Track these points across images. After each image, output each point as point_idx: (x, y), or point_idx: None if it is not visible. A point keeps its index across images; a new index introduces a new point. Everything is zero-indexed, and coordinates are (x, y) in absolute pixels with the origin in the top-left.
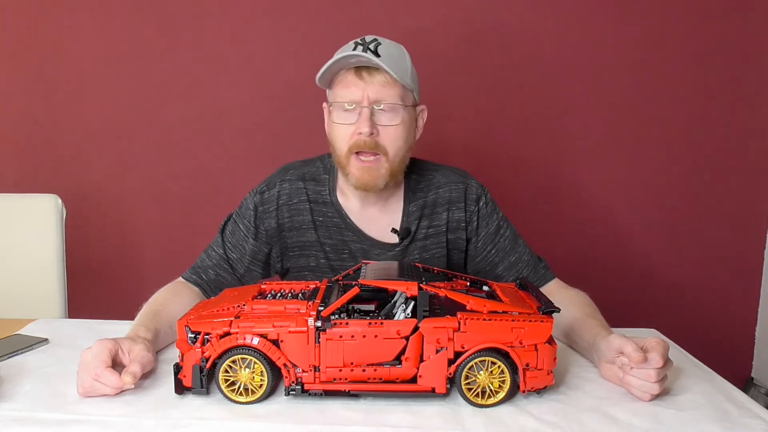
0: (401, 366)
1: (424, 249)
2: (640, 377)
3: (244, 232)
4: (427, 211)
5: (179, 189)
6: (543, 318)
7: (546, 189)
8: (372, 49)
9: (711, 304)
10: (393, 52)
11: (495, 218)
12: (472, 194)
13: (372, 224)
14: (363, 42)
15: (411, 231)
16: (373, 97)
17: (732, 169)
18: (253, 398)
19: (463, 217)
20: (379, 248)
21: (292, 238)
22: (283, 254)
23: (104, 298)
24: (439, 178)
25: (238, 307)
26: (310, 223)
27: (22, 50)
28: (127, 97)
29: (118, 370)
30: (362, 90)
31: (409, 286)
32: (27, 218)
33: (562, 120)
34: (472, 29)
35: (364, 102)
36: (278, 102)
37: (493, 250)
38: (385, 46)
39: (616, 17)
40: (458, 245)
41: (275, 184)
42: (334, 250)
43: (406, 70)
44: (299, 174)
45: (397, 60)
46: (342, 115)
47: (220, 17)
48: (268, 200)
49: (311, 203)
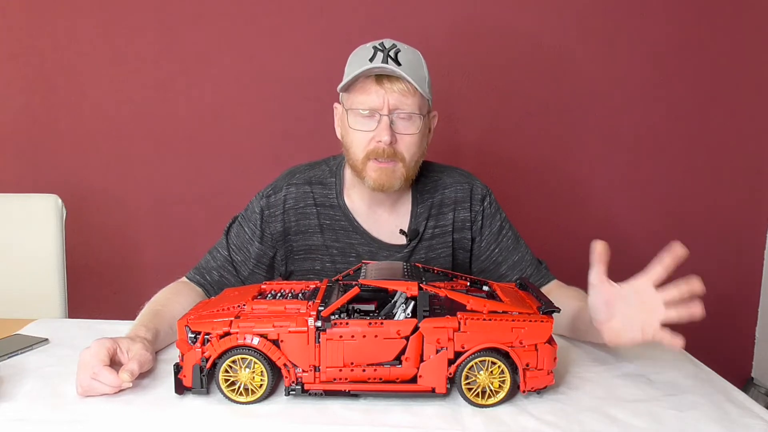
0: (401, 366)
1: (431, 249)
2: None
3: (249, 235)
4: (434, 211)
5: (179, 189)
6: (543, 318)
7: (546, 189)
8: (392, 56)
9: (711, 304)
10: (411, 58)
11: (498, 218)
12: (478, 194)
13: (380, 226)
14: (383, 48)
15: (419, 232)
16: (393, 105)
17: (732, 169)
18: (253, 398)
19: (468, 216)
20: (387, 250)
21: (297, 241)
22: (288, 257)
23: (104, 298)
24: (445, 178)
25: (238, 307)
26: (317, 226)
27: (22, 50)
28: (127, 97)
29: (117, 370)
30: (382, 98)
31: (409, 286)
32: (27, 218)
33: (562, 121)
34: (472, 28)
35: (383, 110)
36: (278, 102)
37: (497, 249)
38: (404, 53)
39: (617, 18)
40: (463, 245)
41: (281, 188)
42: (341, 253)
43: (423, 78)
44: (306, 178)
45: (415, 68)
46: (360, 121)
47: (220, 17)
48: (274, 204)
49: (318, 207)
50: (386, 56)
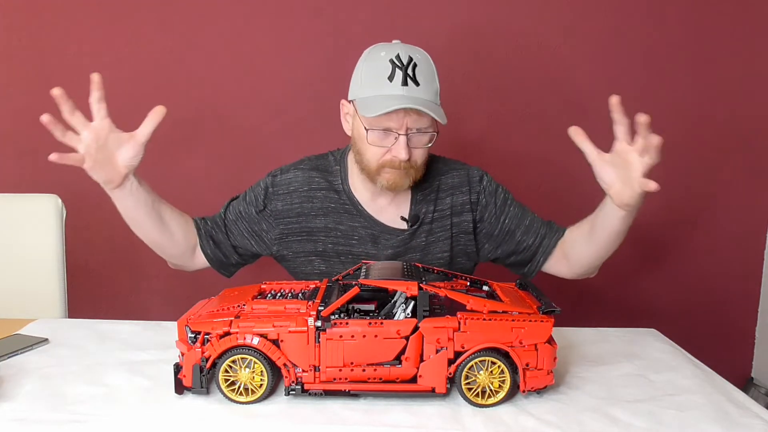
0: (401, 366)
1: (430, 233)
2: (626, 158)
3: (252, 203)
4: (432, 196)
5: (179, 189)
6: (543, 318)
7: (545, 189)
8: (411, 75)
9: (711, 304)
10: (425, 71)
11: (501, 191)
12: (475, 177)
13: (382, 212)
14: (401, 64)
15: (419, 217)
16: (410, 126)
17: (732, 169)
18: (253, 398)
19: (467, 199)
20: (389, 233)
21: (300, 223)
22: (282, 239)
23: (104, 298)
24: (440, 166)
25: (238, 307)
26: (320, 209)
27: (22, 50)
28: (127, 97)
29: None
30: (402, 119)
31: (409, 285)
32: (27, 218)
33: (561, 120)
34: (472, 27)
35: (402, 130)
36: (278, 102)
37: (506, 219)
38: (421, 68)
39: (618, 17)
40: (464, 228)
41: (289, 170)
42: (344, 235)
43: (437, 91)
44: (313, 165)
45: (430, 82)
46: (378, 136)
47: (220, 17)
48: (279, 183)
49: (323, 191)
50: (405, 76)
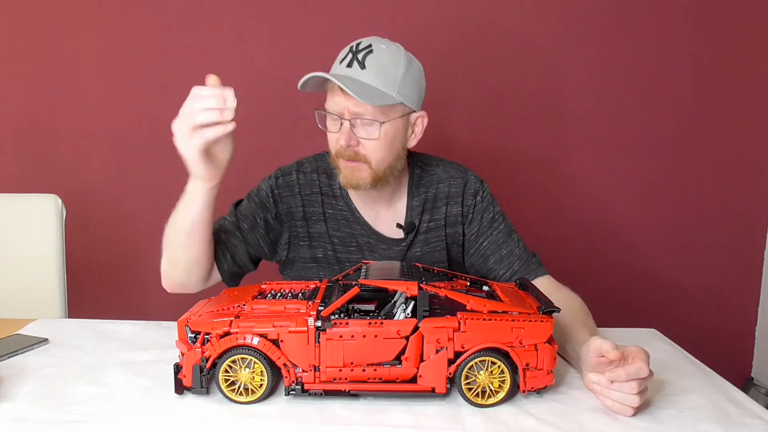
0: (401, 366)
1: (426, 242)
2: (623, 390)
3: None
4: (428, 205)
5: (179, 189)
6: (543, 318)
7: (545, 188)
8: (360, 59)
9: (711, 304)
10: (383, 61)
11: (491, 211)
12: (470, 189)
13: (378, 219)
14: (355, 50)
15: (415, 225)
16: (353, 112)
17: (732, 169)
18: (253, 398)
19: (460, 211)
20: (385, 243)
21: (303, 227)
22: (291, 243)
23: (104, 298)
24: (440, 173)
25: (238, 307)
26: (321, 214)
27: (22, 50)
28: (127, 97)
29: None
30: (344, 103)
31: (409, 286)
32: (27, 218)
33: (561, 118)
34: (471, 27)
35: (345, 114)
36: (278, 102)
37: (485, 243)
38: (375, 55)
39: (616, 16)
40: (456, 239)
41: (291, 172)
42: (342, 242)
43: (393, 81)
44: (313, 167)
45: (385, 71)
46: (330, 123)
47: (219, 17)
48: (284, 185)
49: (323, 196)
50: (353, 59)
